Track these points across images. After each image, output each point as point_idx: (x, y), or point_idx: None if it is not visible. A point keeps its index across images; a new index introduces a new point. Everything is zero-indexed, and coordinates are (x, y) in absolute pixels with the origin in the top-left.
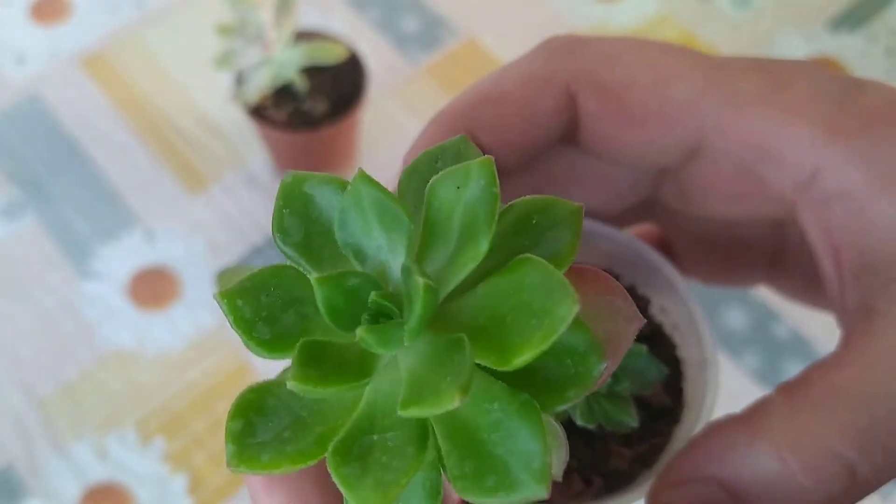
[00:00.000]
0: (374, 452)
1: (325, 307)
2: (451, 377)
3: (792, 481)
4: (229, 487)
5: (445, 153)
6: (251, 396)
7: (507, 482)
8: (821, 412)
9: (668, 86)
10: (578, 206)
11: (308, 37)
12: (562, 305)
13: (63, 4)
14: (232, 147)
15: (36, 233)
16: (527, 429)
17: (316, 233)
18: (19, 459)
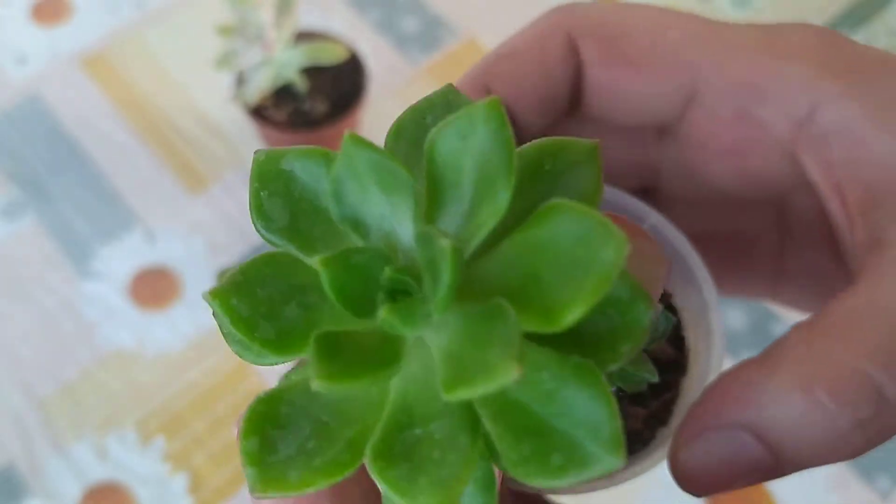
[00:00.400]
0: (422, 448)
1: (335, 292)
2: (498, 348)
3: (818, 410)
4: (229, 487)
5: (434, 107)
6: (262, 408)
7: (577, 458)
8: (842, 337)
9: (664, 32)
10: (595, 143)
11: (308, 37)
12: (608, 249)
13: (63, 5)
14: (232, 147)
15: (36, 233)
16: (587, 394)
17: (303, 212)
18: (19, 459)
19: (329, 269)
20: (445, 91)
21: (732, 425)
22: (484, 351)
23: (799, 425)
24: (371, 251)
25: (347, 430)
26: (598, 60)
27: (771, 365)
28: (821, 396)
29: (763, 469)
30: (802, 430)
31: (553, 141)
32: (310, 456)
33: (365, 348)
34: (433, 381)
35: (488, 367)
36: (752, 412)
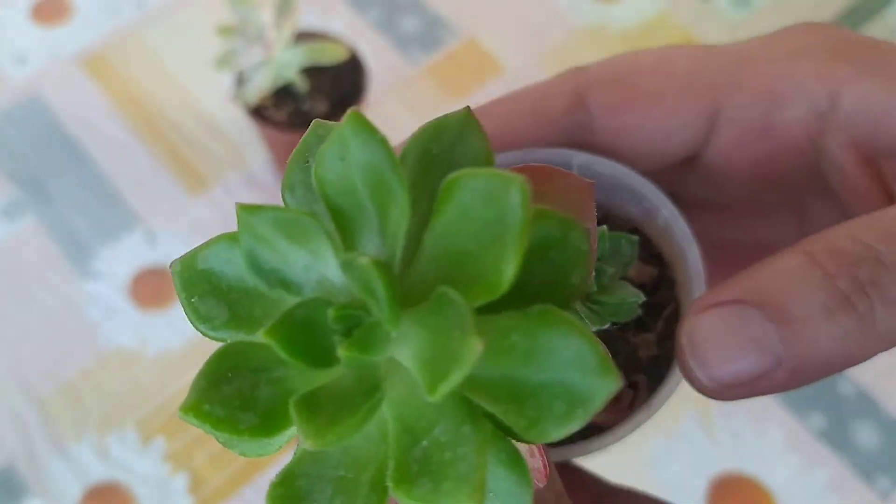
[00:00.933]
0: (433, 456)
1: (292, 354)
2: (457, 332)
3: (818, 270)
4: (229, 487)
5: (442, 133)
6: (280, 490)
7: (577, 398)
8: (844, 225)
9: (672, 63)
10: (464, 109)
11: (308, 37)
12: (512, 196)
13: (63, 5)
14: (232, 147)
15: (36, 233)
16: (559, 336)
17: (236, 300)
18: (20, 459)
19: (276, 337)
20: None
21: (735, 299)
22: (446, 341)
23: (800, 288)
24: (308, 302)
25: (365, 473)
26: (614, 105)
27: (770, 258)
28: (820, 258)
29: (770, 348)
30: (804, 293)
31: (431, 124)
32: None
33: (344, 392)
34: (418, 391)
35: (455, 354)
36: (753, 283)
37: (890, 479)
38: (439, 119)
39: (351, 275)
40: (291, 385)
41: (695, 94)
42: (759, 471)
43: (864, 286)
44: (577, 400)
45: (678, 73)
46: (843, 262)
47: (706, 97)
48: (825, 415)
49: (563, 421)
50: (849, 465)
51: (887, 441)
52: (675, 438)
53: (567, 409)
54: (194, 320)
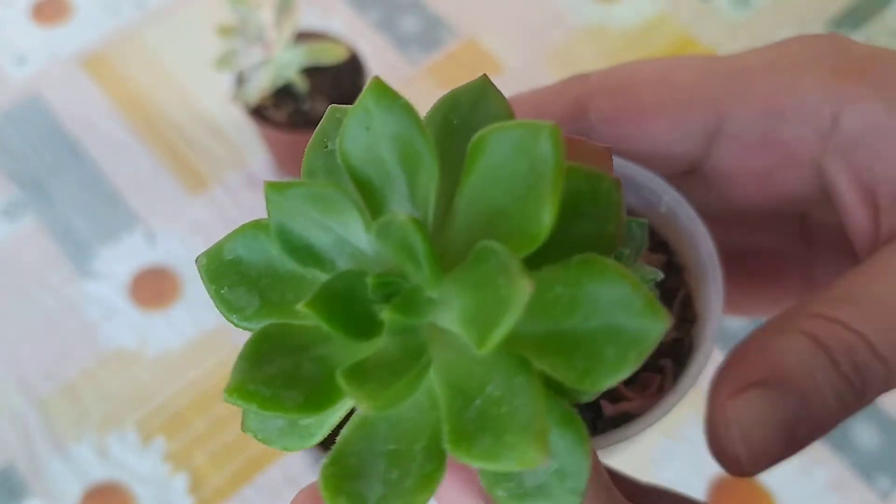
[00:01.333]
0: (490, 413)
1: (334, 325)
2: (504, 279)
3: (823, 355)
4: (230, 487)
5: (460, 103)
6: (332, 469)
7: (627, 341)
8: (840, 306)
9: (674, 74)
10: (482, 77)
11: (308, 37)
12: (543, 143)
13: (63, 5)
14: (232, 147)
15: (36, 233)
16: (603, 282)
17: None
18: (19, 459)
19: (317, 309)
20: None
21: (760, 380)
22: (492, 292)
23: (813, 372)
24: (345, 274)
25: (417, 443)
26: (615, 115)
27: (780, 328)
28: (826, 343)
29: (793, 428)
30: (817, 376)
31: (448, 95)
32: (399, 483)
33: (390, 361)
34: (465, 350)
35: (503, 301)
36: (772, 364)
37: (890, 479)
38: (455, 90)
39: (387, 239)
40: (334, 361)
41: (696, 106)
42: None
43: (860, 369)
44: (629, 343)
45: (680, 84)
46: (846, 348)
47: (708, 110)
48: None
49: (616, 366)
50: (849, 465)
51: (887, 441)
52: (675, 438)
53: (619, 354)
54: (225, 311)
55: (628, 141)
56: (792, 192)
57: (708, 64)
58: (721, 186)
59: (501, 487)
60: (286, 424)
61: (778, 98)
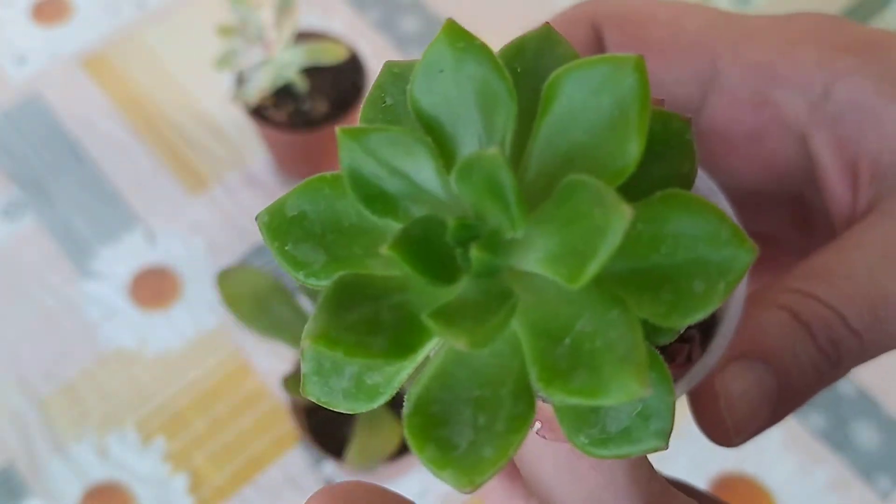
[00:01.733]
0: (584, 348)
1: (416, 269)
2: (599, 208)
3: (802, 329)
4: (229, 487)
5: (524, 50)
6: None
7: (714, 272)
8: (816, 282)
9: (683, 19)
10: (545, 24)
11: (308, 37)
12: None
13: (63, 5)
14: (232, 147)
15: (36, 233)
16: (686, 213)
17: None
18: (19, 459)
19: (399, 251)
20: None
21: (743, 353)
22: (587, 222)
23: (793, 345)
24: (424, 219)
25: (503, 388)
26: (623, 45)
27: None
28: (804, 318)
29: (774, 400)
30: (796, 349)
31: (510, 44)
32: (489, 427)
33: (476, 303)
34: (550, 291)
35: (600, 229)
36: (756, 339)
37: (890, 479)
38: (517, 39)
39: (469, 179)
40: (414, 307)
41: (696, 54)
42: (759, 470)
43: (836, 343)
44: (716, 274)
45: (686, 30)
46: (822, 323)
47: (705, 58)
48: (825, 415)
49: (705, 299)
50: (849, 464)
51: (887, 441)
52: (675, 438)
53: (707, 286)
54: (291, 268)
55: None
56: (780, 158)
57: (715, 16)
58: (715, 150)
59: (584, 434)
60: (351, 385)
61: (774, 59)
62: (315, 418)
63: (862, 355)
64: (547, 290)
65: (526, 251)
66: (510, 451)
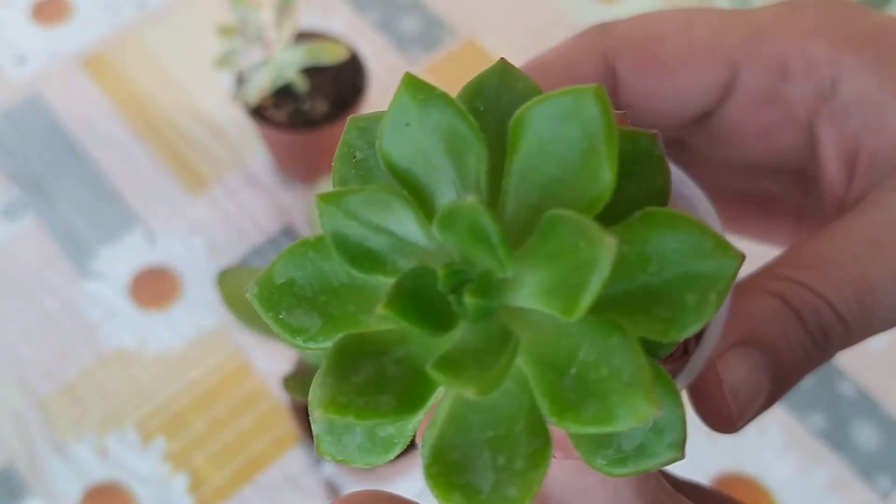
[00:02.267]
0: (589, 377)
1: (413, 323)
2: (582, 242)
3: (793, 315)
4: (230, 487)
5: (483, 89)
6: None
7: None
8: (805, 269)
9: (693, 29)
10: (499, 60)
11: (308, 37)
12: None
13: (64, 4)
14: (232, 147)
15: (36, 233)
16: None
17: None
18: (19, 459)
19: (394, 308)
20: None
21: (740, 340)
22: (573, 256)
23: (784, 331)
24: (413, 271)
25: (517, 425)
26: (638, 70)
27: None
28: (794, 304)
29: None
30: (787, 334)
31: (469, 84)
32: (509, 467)
33: (476, 348)
34: (547, 325)
35: (588, 263)
36: (750, 327)
37: (890, 479)
38: (475, 78)
39: (452, 228)
40: (416, 360)
41: (714, 61)
42: (759, 470)
43: (825, 329)
44: (706, 285)
45: (699, 39)
46: (811, 309)
47: (723, 65)
48: (825, 415)
49: (699, 311)
50: (849, 464)
51: (887, 441)
52: None
53: (699, 298)
54: (288, 336)
55: (651, 94)
56: (789, 147)
57: (724, 19)
58: (726, 138)
59: (600, 456)
60: (365, 440)
61: (787, 57)
62: None
63: (848, 340)
64: (545, 323)
65: (518, 289)
66: (534, 487)
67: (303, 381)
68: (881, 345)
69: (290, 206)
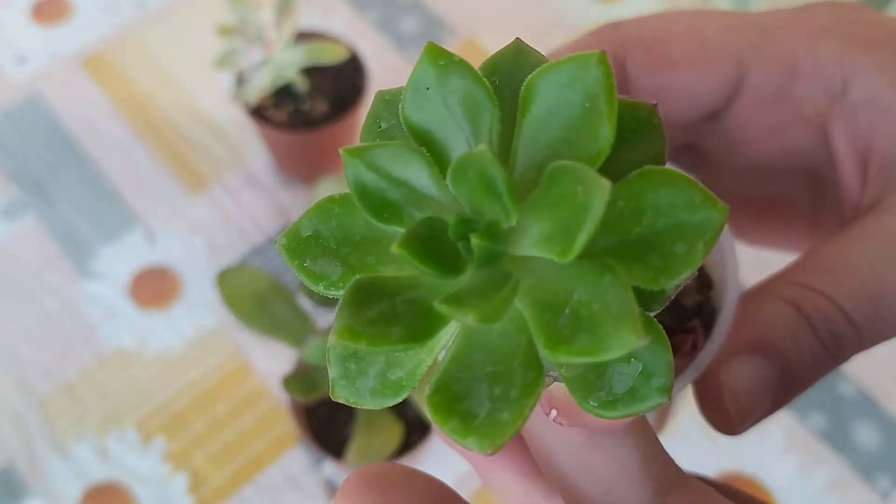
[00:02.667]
0: (582, 314)
1: (425, 263)
2: (579, 187)
3: (804, 322)
4: (229, 487)
5: (498, 66)
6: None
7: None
8: (818, 275)
9: (703, 29)
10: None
11: (308, 37)
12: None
13: (64, 4)
14: (232, 147)
15: (36, 233)
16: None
17: (349, 254)
18: (19, 459)
19: (408, 249)
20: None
21: (746, 349)
22: (571, 201)
23: (795, 338)
24: (426, 220)
25: (514, 360)
26: (648, 68)
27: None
28: (806, 311)
29: (775, 390)
30: (798, 342)
31: (485, 63)
32: (504, 396)
33: (482, 286)
34: (547, 270)
35: (584, 205)
36: (760, 333)
37: (890, 479)
38: (490, 57)
39: (464, 176)
40: (426, 300)
41: (723, 60)
42: (759, 471)
43: (836, 335)
44: (695, 236)
45: (708, 38)
46: (823, 316)
47: (733, 65)
48: (825, 415)
49: (688, 258)
50: (849, 465)
51: (887, 441)
52: (675, 438)
53: (689, 247)
54: (310, 282)
55: (660, 92)
56: (800, 148)
57: (733, 21)
58: (736, 138)
59: (592, 398)
60: (377, 384)
61: (796, 58)
62: (315, 418)
63: (861, 345)
64: (544, 270)
65: (521, 237)
66: (525, 412)
67: (303, 381)
68: (882, 346)
69: (290, 206)
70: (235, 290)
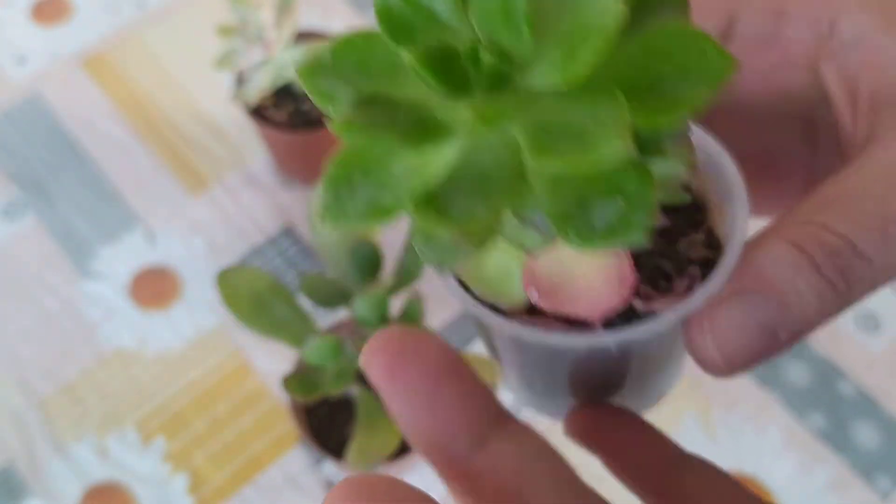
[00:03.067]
0: (573, 123)
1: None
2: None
3: (806, 260)
4: (229, 487)
5: None
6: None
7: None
8: (822, 210)
9: None
10: None
11: (309, 37)
12: None
13: (64, 4)
14: (232, 147)
15: (36, 233)
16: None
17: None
18: (19, 459)
19: (420, 61)
20: None
21: (743, 287)
22: (583, 23)
23: (796, 276)
24: (443, 42)
25: (501, 173)
26: None
27: (762, 239)
28: (808, 248)
29: (772, 328)
30: (799, 280)
31: None
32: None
33: (486, 103)
34: (552, 100)
35: (595, 24)
36: (756, 272)
37: (890, 479)
38: None
39: (484, 3)
40: (429, 112)
41: (710, 12)
42: (759, 470)
43: (843, 271)
44: (700, 80)
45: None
46: (827, 252)
47: (721, 14)
48: (825, 415)
49: (689, 99)
50: (849, 465)
51: (887, 441)
52: (674, 438)
53: (692, 90)
54: (322, 103)
55: None
56: (793, 91)
57: None
58: (728, 87)
59: (571, 226)
60: (365, 207)
61: (784, 3)
62: (315, 418)
63: (874, 278)
64: (548, 100)
65: (531, 67)
66: (500, 212)
67: (303, 381)
68: (881, 345)
69: (290, 206)
70: (235, 290)
